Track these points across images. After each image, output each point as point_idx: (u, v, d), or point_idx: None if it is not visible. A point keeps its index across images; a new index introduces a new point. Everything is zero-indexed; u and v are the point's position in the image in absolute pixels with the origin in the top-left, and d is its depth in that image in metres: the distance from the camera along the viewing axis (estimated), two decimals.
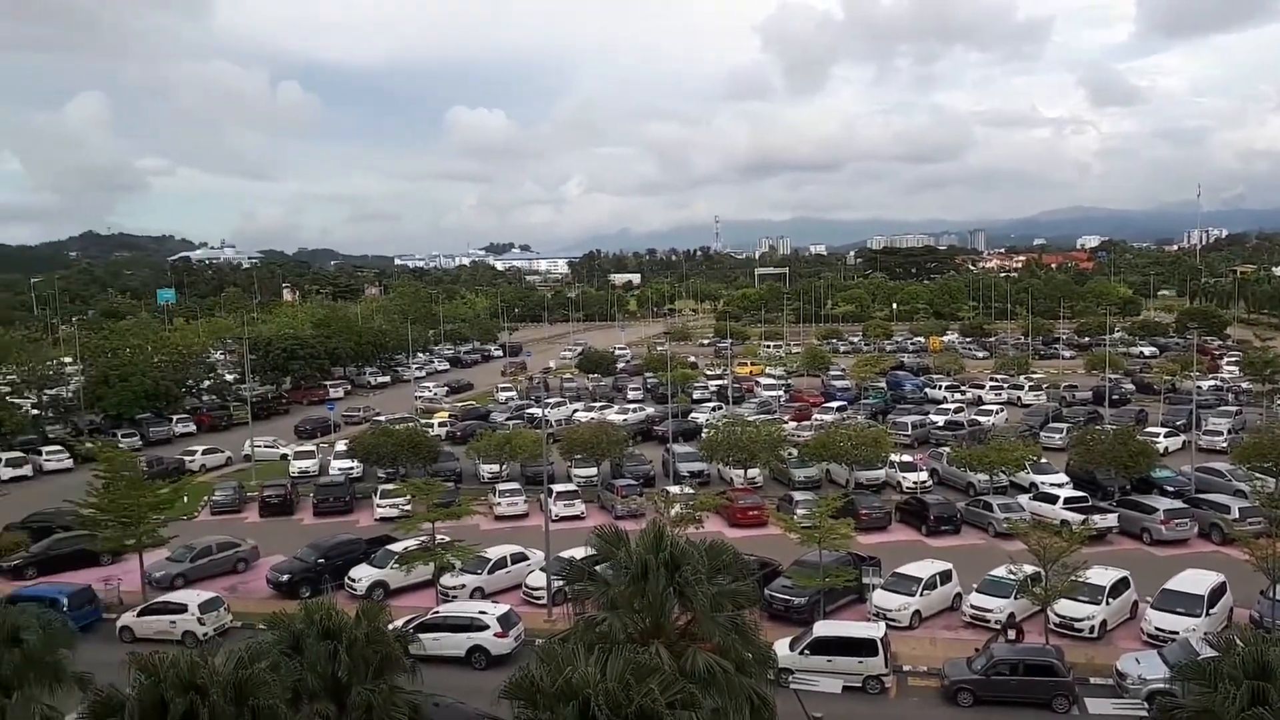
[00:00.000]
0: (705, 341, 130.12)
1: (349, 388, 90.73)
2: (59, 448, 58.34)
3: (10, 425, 58.39)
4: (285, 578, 34.43)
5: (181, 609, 30.50)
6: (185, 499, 43.55)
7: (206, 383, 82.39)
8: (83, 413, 68.64)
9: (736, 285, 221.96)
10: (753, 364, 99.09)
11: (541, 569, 32.47)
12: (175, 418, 68.88)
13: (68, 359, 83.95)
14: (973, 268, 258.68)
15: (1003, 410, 68.20)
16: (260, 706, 14.89)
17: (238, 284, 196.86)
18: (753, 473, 48.25)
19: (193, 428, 68.44)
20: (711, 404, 71.88)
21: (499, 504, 44.22)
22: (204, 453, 58.01)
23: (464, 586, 32.89)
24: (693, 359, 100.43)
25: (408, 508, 41.26)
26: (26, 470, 55.08)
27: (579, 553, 22.56)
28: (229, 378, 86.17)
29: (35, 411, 68.43)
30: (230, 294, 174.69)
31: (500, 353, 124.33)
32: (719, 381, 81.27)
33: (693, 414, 67.08)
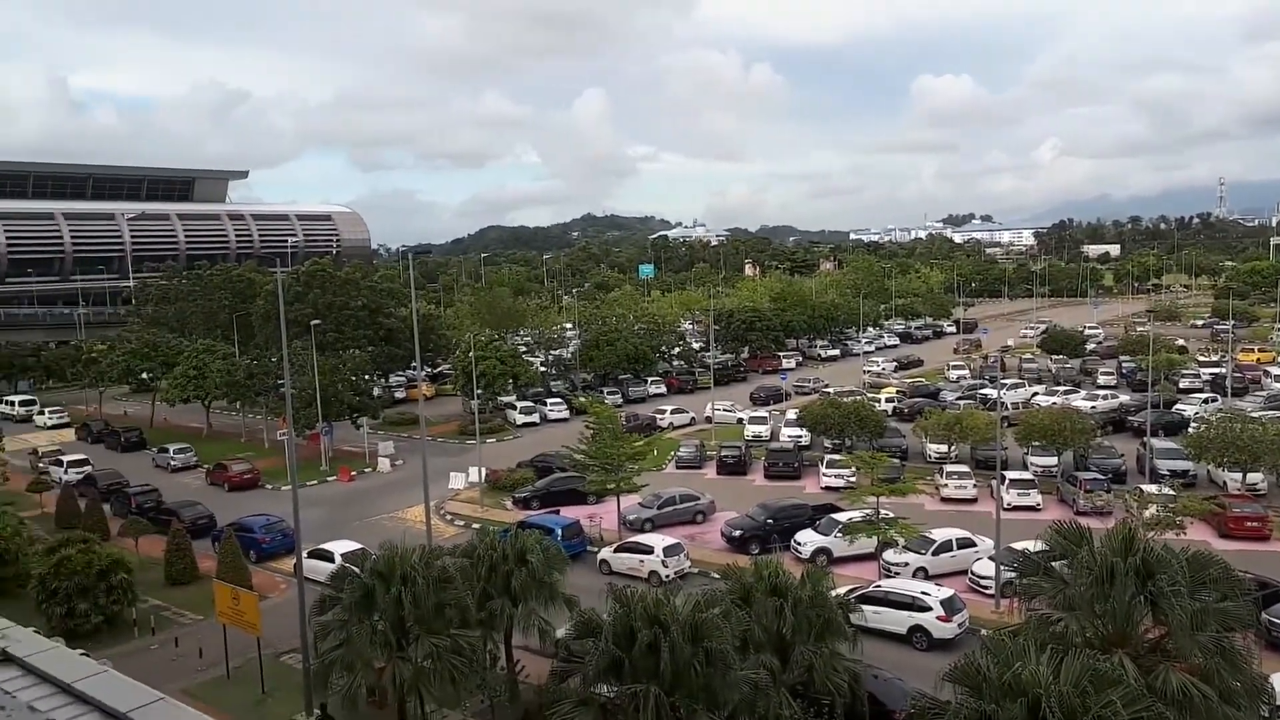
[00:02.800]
0: (1199, 323, 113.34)
1: (800, 359, 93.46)
2: (559, 400, 67.79)
3: (525, 379, 68.95)
4: (737, 533, 36.78)
5: (649, 550, 33.97)
6: (655, 452, 48.18)
7: (676, 349, 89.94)
8: (578, 371, 79.18)
9: (1243, 257, 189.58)
10: (1261, 350, 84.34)
11: (990, 557, 31.02)
12: (649, 379, 76.53)
13: (568, 324, 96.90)
14: None
15: None
16: (713, 649, 16.22)
17: (706, 260, 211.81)
18: (1254, 478, 41.32)
19: (663, 389, 75.50)
20: (1203, 395, 62.63)
21: (946, 485, 42.89)
22: (672, 412, 63.77)
23: (907, 565, 32.54)
24: (1181, 342, 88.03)
25: (853, 479, 41.73)
26: (535, 418, 64.82)
27: (1033, 546, 21.17)
28: (695, 346, 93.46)
29: (543, 369, 80.00)
30: (699, 269, 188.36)
31: (953, 329, 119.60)
32: (1214, 369, 70.46)
33: (1178, 405, 59.01)
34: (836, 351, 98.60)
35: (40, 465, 51.79)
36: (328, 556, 32.02)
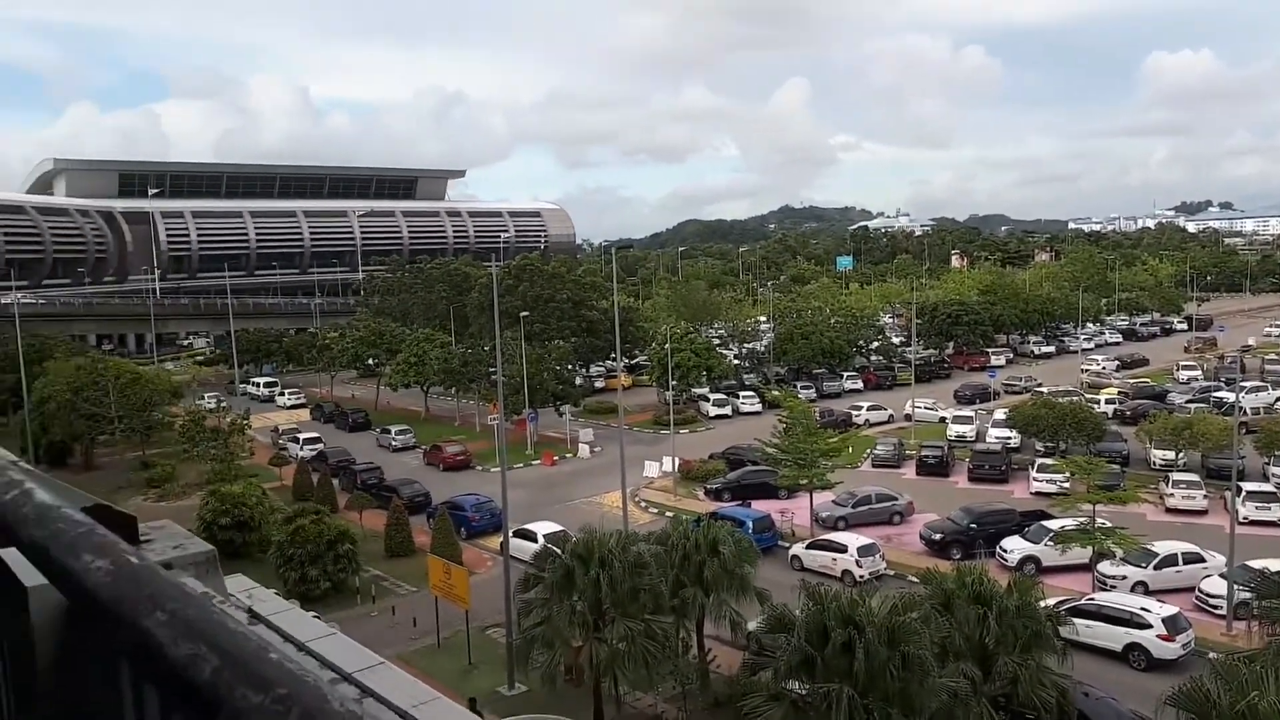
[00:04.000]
0: None
1: (1011, 356, 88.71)
2: (752, 393, 67.71)
3: (718, 371, 69.30)
4: (938, 537, 35.51)
5: (842, 549, 33.42)
6: (850, 449, 47.21)
7: (875, 344, 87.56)
8: (771, 364, 78.74)
9: None
10: None
11: (1222, 575, 28.41)
12: (845, 374, 74.99)
13: (763, 317, 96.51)
14: None
15: None
16: (910, 654, 15.85)
17: (909, 251, 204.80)
18: None
19: (860, 385, 73.73)
20: None
21: (1172, 495, 39.56)
22: (869, 409, 62.27)
23: (1125, 578, 30.35)
24: None
25: (1066, 485, 39.29)
26: (727, 410, 65.08)
27: (1274, 565, 19.26)
28: (895, 340, 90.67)
29: (736, 361, 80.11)
30: (901, 260, 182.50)
31: (1184, 326, 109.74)
32: None
33: None
34: (1051, 348, 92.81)
35: (280, 442, 57.19)
36: (531, 536, 33.55)
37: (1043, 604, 20.32)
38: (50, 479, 2.35)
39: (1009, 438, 50.91)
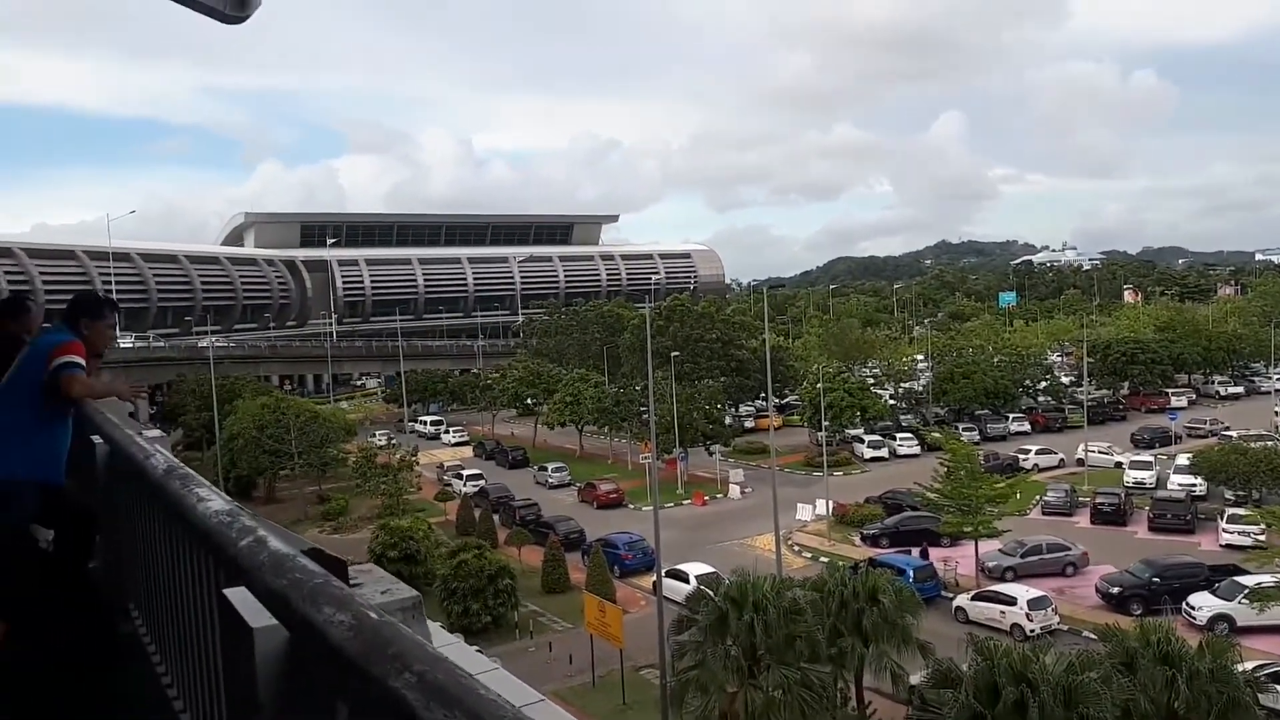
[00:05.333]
0: None
1: (1194, 397, 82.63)
2: (910, 435, 65.67)
3: (873, 412, 67.63)
4: (1116, 590, 33.31)
5: (1011, 601, 31.80)
6: (1018, 495, 45.06)
7: (1042, 384, 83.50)
8: (930, 405, 76.19)
9: None
10: None
11: None
12: (1011, 416, 71.66)
13: (920, 356, 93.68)
14: None
15: None
16: (1089, 716, 14.92)
17: (1077, 286, 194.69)
18: None
19: (1026, 427, 70.29)
20: None
21: None
22: (1037, 452, 59.22)
23: None
24: None
25: (1262, 538, 36.17)
26: (883, 452, 63.32)
27: None
28: (1065, 380, 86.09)
29: (892, 401, 77.99)
30: (1069, 296, 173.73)
31: None
32: None
33: None
34: (1239, 389, 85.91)
35: (445, 478, 59.57)
36: (683, 577, 33.55)
37: (1240, 668, 18.71)
38: (271, 523, 2.62)
39: (1194, 485, 47.33)
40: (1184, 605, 31.35)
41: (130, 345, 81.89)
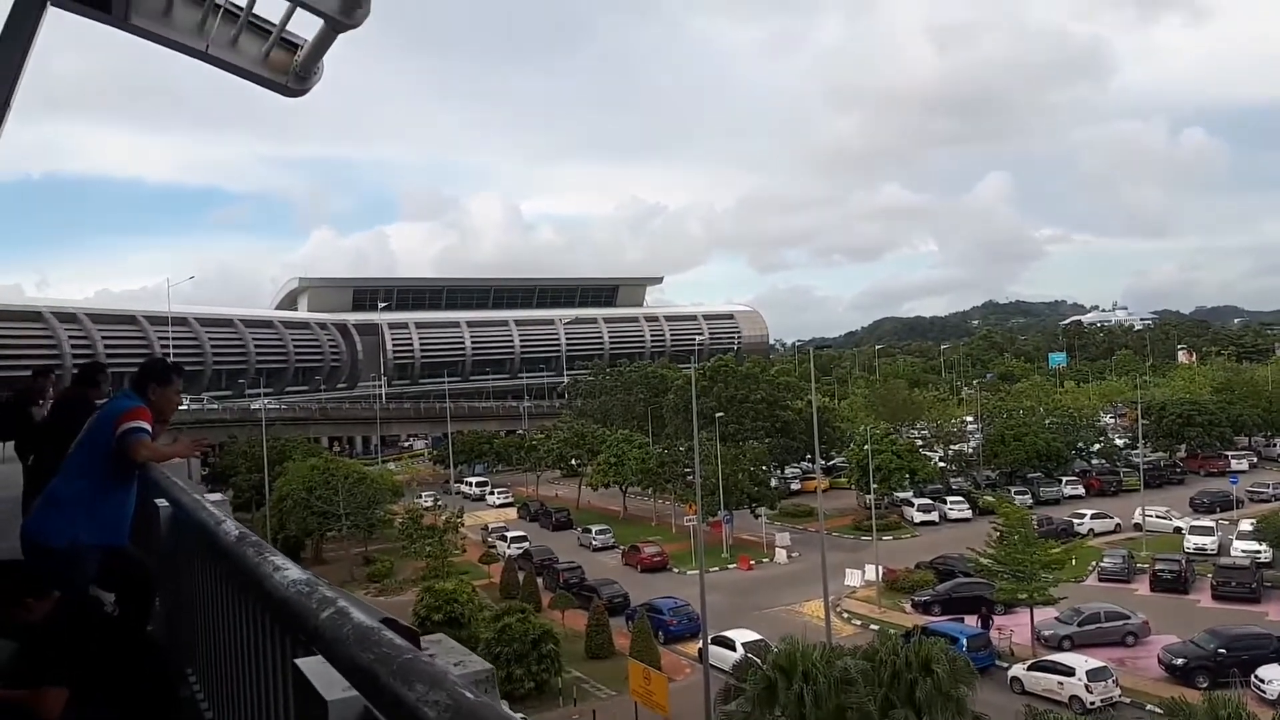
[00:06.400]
0: None
1: (1255, 460, 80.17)
2: (960, 498, 64.44)
3: (922, 475, 66.60)
4: (1180, 662, 32.12)
5: (1069, 672, 30.79)
6: (1074, 561, 43.90)
7: (1096, 446, 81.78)
8: (980, 468, 74.84)
9: None
10: None
11: None
12: (1064, 479, 70.09)
13: (969, 418, 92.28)
14: None
15: None
16: None
17: (1129, 346, 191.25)
18: None
19: (1081, 490, 68.67)
20: None
21: None
22: (1092, 517, 57.73)
23: None
24: None
25: None
26: (933, 516, 62.15)
27: None
28: (1119, 442, 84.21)
29: (942, 464, 76.77)
30: (1121, 356, 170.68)
31: None
32: None
33: None
34: None
35: (489, 540, 59.59)
36: (730, 644, 33.02)
37: None
38: (348, 594, 2.71)
39: (1259, 551, 45.72)
40: (1253, 678, 30.05)
41: (185, 407, 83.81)
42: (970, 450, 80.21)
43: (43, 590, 4.35)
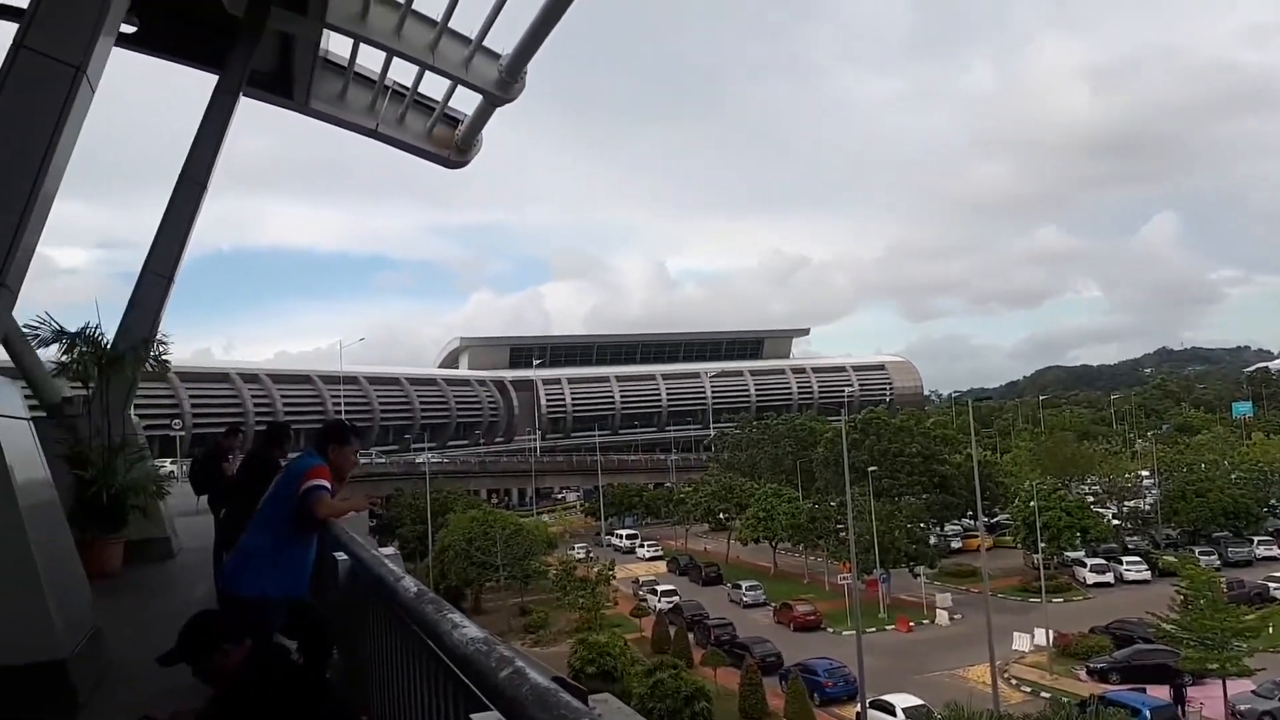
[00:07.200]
0: None
1: None
2: (1138, 558, 60.13)
3: (1095, 533, 62.60)
4: None
5: None
6: (1271, 630, 40.10)
7: None
8: (1159, 526, 69.64)
9: None
10: None
11: None
12: (1256, 539, 64.29)
13: (1144, 472, 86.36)
14: None
15: None
16: None
17: None
18: None
19: (1276, 551, 62.77)
20: None
21: None
22: None
23: None
24: None
25: None
26: (1108, 577, 58.15)
27: None
28: None
29: (1115, 522, 72.01)
30: None
31: None
32: None
33: None
34: None
35: (640, 593, 59.72)
36: (889, 709, 31.82)
37: None
38: (524, 653, 2.87)
39: None
40: None
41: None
42: (1147, 507, 74.90)
43: (238, 638, 4.71)
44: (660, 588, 58.94)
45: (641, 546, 79.93)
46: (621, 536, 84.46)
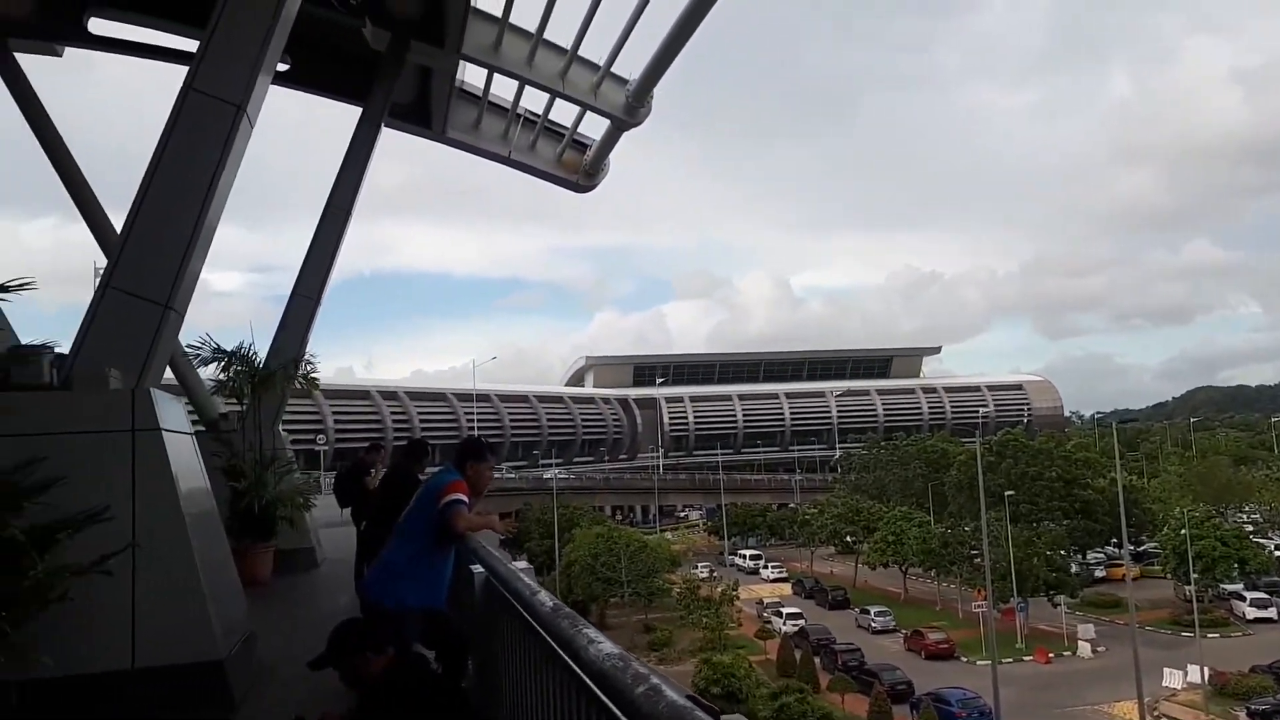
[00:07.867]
0: None
1: None
2: None
3: (1254, 565, 58.37)
4: None
5: None
6: None
7: None
8: None
9: None
10: None
11: None
12: None
13: None
14: None
15: None
16: None
17: None
18: None
19: None
20: None
21: None
22: None
23: None
24: None
25: None
26: (1271, 613, 54.01)
27: None
28: None
29: (1278, 554, 66.93)
30: None
31: None
32: None
33: None
34: None
35: (764, 615, 58.98)
36: None
37: None
38: (658, 670, 2.88)
39: None
40: None
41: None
42: None
43: (380, 647, 4.91)
44: (785, 610, 58.05)
45: (766, 568, 78.96)
46: (745, 557, 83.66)
